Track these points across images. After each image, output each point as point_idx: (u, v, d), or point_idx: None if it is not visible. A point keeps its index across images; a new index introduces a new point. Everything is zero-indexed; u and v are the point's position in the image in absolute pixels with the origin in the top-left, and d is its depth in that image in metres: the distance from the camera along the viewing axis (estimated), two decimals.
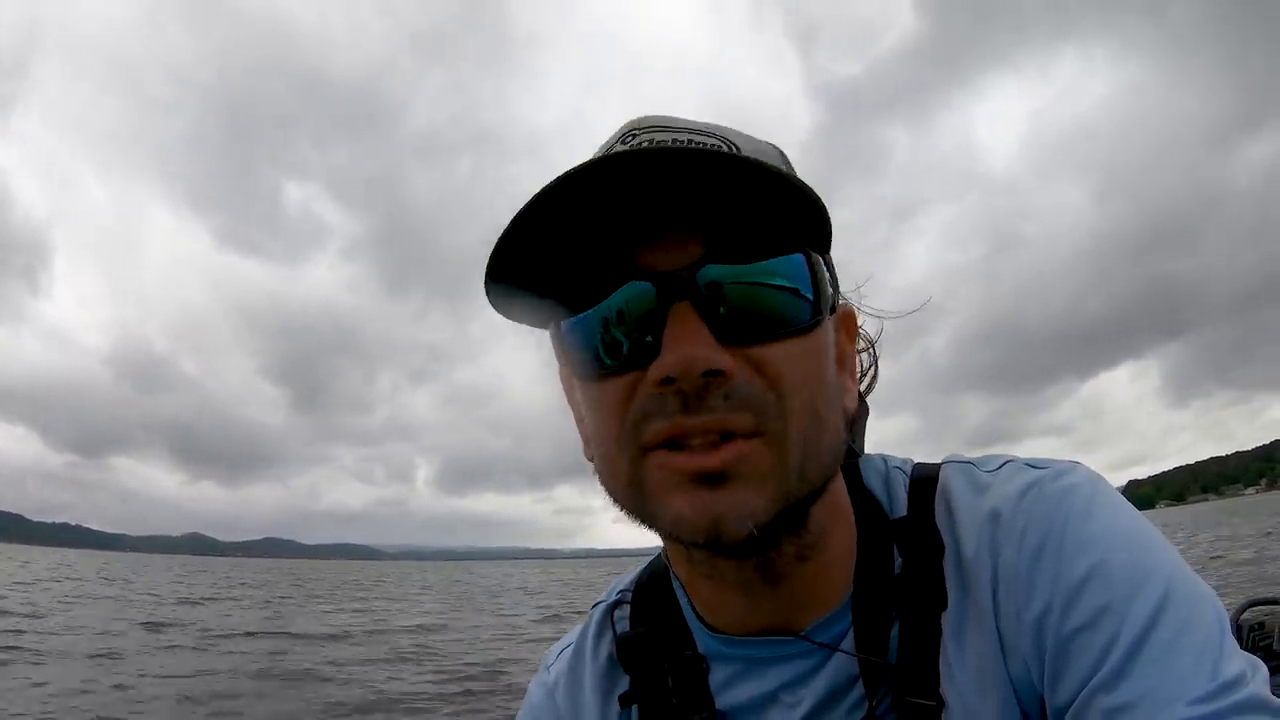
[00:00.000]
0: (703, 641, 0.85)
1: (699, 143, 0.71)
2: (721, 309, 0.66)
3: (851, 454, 0.84)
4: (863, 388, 0.90)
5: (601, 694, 0.91)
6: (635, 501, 0.71)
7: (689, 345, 0.65)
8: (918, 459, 0.88)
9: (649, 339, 0.67)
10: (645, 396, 0.67)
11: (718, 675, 0.84)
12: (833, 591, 0.79)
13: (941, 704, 0.73)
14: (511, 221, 0.65)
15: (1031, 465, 0.79)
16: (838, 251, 0.75)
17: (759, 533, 0.66)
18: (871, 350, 0.92)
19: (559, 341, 0.74)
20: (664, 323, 0.66)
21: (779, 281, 0.68)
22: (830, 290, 0.72)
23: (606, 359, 0.69)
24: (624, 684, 0.89)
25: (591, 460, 0.79)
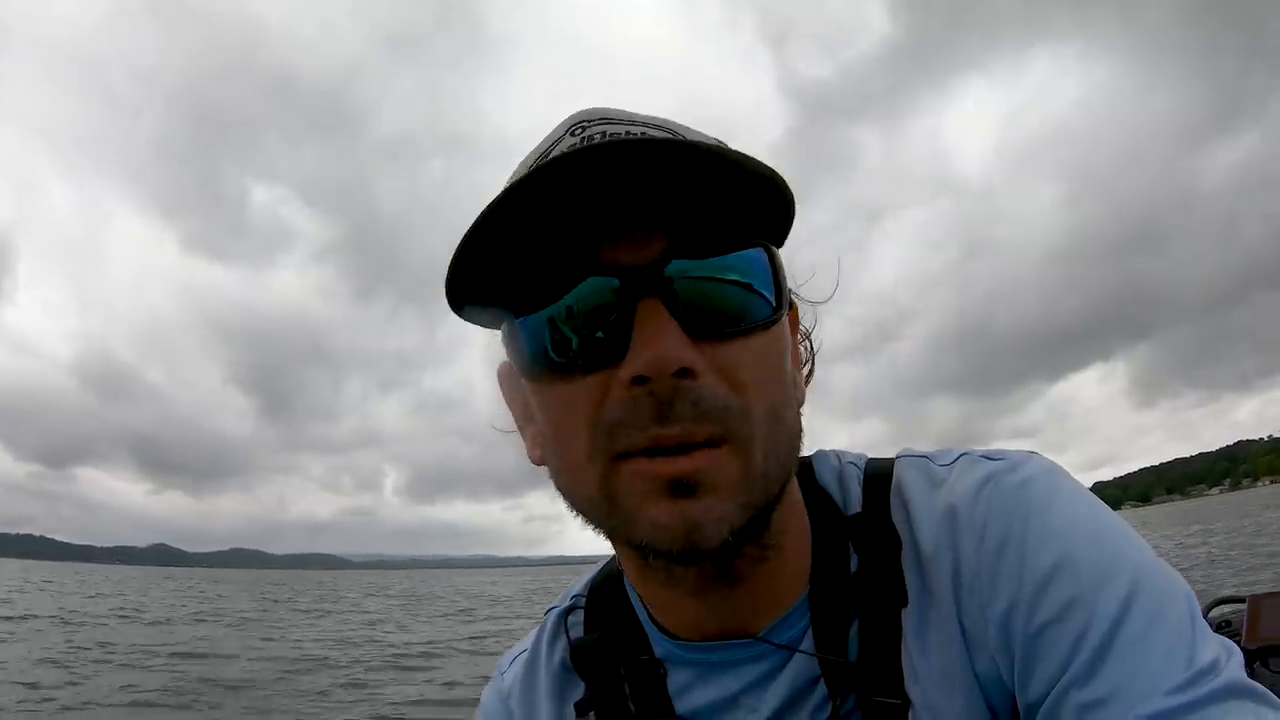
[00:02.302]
0: (660, 646, 0.83)
1: (651, 135, 0.67)
2: (687, 305, 0.65)
3: None
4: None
5: (557, 700, 0.90)
6: (605, 512, 0.69)
7: (661, 343, 0.63)
8: (872, 455, 0.86)
9: (617, 336, 0.65)
10: (618, 401, 0.65)
11: (677, 680, 0.82)
12: (788, 592, 0.78)
13: (907, 702, 0.72)
14: (469, 231, 0.63)
15: (987, 458, 0.78)
16: (812, 250, 0.72)
17: (732, 539, 0.66)
18: (809, 342, 0.88)
19: (513, 341, 0.70)
20: (632, 319, 0.64)
21: (741, 277, 0.67)
22: (786, 285, 0.71)
23: (571, 358, 0.67)
24: (579, 690, 0.88)
25: (542, 464, 0.77)
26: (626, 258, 0.65)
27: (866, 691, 0.73)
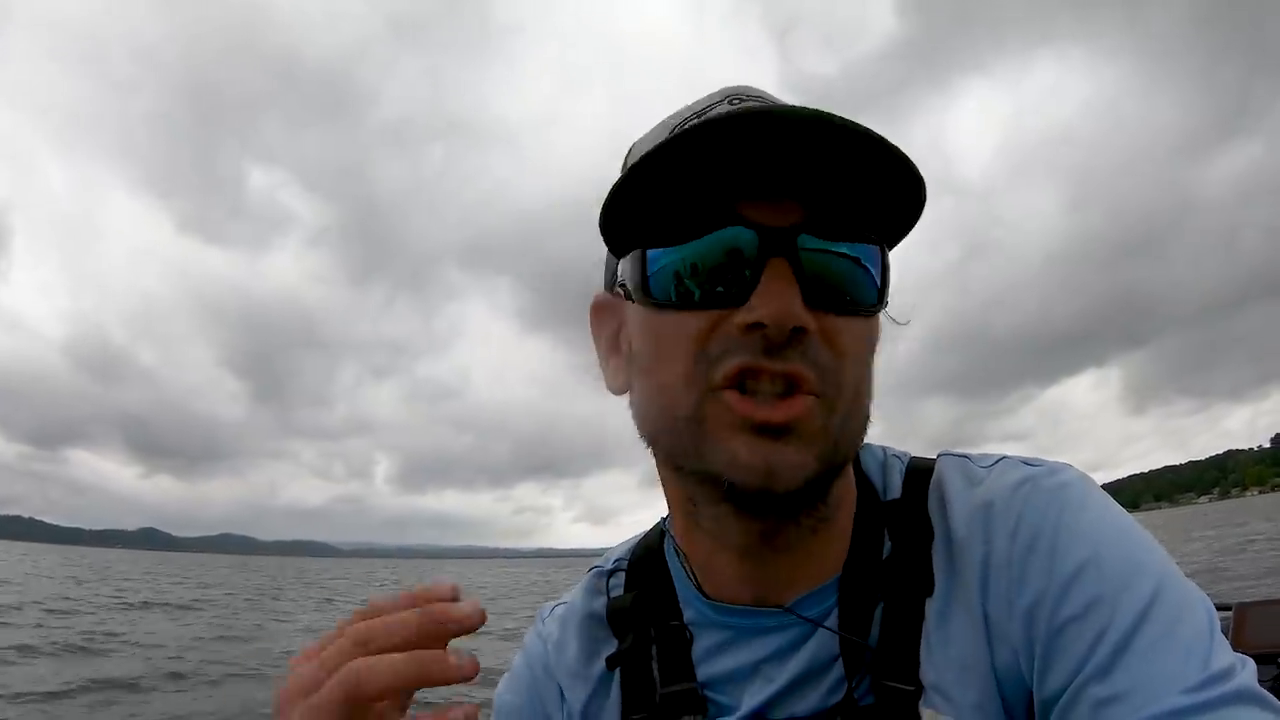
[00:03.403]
0: (693, 608, 0.87)
1: (806, 110, 0.70)
2: (812, 274, 0.70)
3: None
4: None
5: (587, 653, 0.95)
6: (689, 436, 0.73)
7: (785, 299, 0.68)
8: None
9: (742, 283, 0.70)
10: (727, 336, 0.70)
11: (704, 644, 0.86)
12: (824, 569, 0.81)
13: (920, 689, 0.74)
14: (632, 167, 0.69)
15: (1026, 463, 0.81)
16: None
17: (804, 488, 0.71)
18: None
19: (636, 268, 0.75)
20: (760, 272, 0.69)
21: (858, 265, 0.73)
22: (889, 285, 0.76)
23: (695, 290, 0.72)
24: (612, 646, 0.92)
25: (621, 393, 0.83)
26: (764, 217, 0.70)
27: (881, 675, 0.75)
